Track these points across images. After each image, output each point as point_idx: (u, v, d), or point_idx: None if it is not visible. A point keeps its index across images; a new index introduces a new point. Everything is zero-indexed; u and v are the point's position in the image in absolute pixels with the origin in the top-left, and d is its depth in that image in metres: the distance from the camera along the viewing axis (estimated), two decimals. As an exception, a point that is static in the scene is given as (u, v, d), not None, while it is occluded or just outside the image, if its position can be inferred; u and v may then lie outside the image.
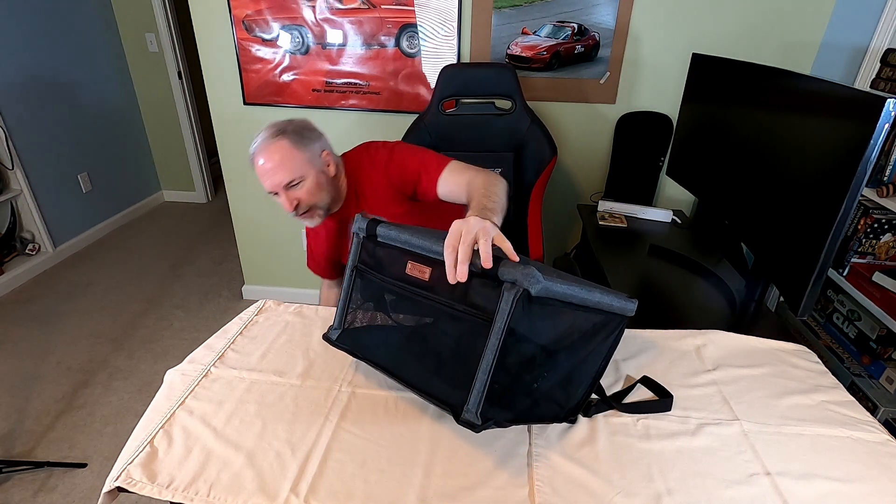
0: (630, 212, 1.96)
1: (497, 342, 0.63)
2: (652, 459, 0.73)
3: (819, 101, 1.10)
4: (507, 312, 0.63)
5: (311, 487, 0.67)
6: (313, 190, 1.12)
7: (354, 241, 0.84)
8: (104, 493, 0.69)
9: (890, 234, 1.62)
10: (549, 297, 0.66)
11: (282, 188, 1.09)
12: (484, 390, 0.63)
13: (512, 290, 0.63)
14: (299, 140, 1.10)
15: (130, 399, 1.89)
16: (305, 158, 1.10)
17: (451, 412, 0.66)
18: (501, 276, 0.64)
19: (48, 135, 2.79)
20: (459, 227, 0.70)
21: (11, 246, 2.70)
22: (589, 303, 0.72)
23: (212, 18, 1.97)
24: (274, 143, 1.08)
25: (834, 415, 0.82)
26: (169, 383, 0.87)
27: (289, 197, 1.10)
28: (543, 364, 0.72)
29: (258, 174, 1.10)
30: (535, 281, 0.63)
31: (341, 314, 0.85)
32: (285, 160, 1.08)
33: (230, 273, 2.79)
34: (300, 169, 1.09)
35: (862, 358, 1.71)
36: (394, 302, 0.82)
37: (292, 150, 1.09)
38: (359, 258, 0.83)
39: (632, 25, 1.87)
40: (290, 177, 1.08)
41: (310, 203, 1.12)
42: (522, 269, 0.63)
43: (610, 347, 0.80)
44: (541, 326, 0.69)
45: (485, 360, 0.63)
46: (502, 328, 0.63)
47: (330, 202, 1.18)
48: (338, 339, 0.85)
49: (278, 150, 1.08)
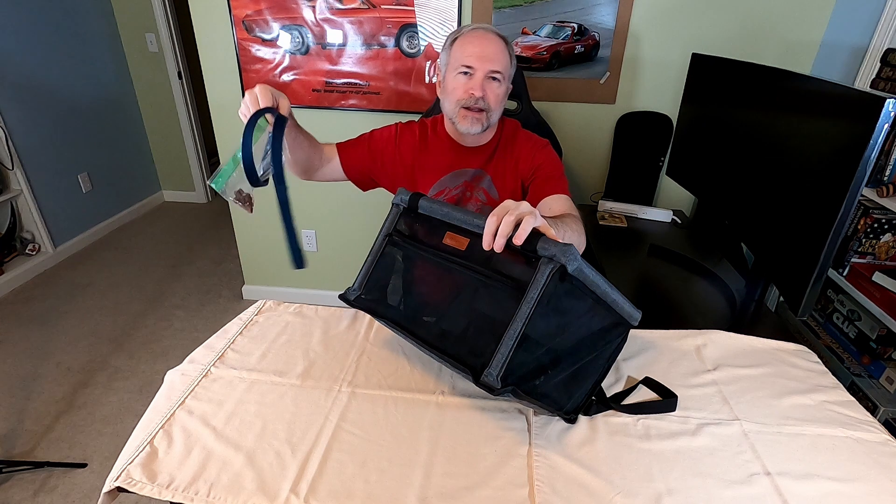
0: (630, 212, 1.96)
1: (528, 311, 0.64)
2: (652, 459, 0.73)
3: (819, 101, 1.10)
4: (542, 284, 0.64)
5: (311, 487, 0.67)
6: (501, 96, 1.10)
7: (393, 211, 0.88)
8: (104, 493, 0.69)
9: (890, 234, 1.62)
10: (580, 279, 0.68)
11: (485, 72, 1.06)
12: (508, 355, 0.64)
13: (549, 265, 0.65)
14: (512, 52, 1.11)
15: (130, 399, 1.89)
16: (511, 69, 1.11)
17: (471, 374, 0.66)
18: (541, 251, 0.66)
19: (48, 135, 2.79)
20: (510, 203, 0.71)
21: (11, 246, 2.70)
22: (607, 298, 0.75)
23: (212, 18, 1.97)
24: (496, 37, 1.07)
25: (834, 415, 0.82)
26: (169, 383, 0.87)
27: (483, 84, 1.06)
28: (558, 348, 0.73)
29: (468, 49, 1.06)
30: (573, 258, 0.65)
31: (364, 277, 0.87)
32: (504, 55, 1.08)
33: (230, 273, 2.79)
34: (507, 70, 1.09)
35: (862, 358, 1.71)
36: (424, 269, 0.84)
37: (507, 54, 1.09)
38: (394, 227, 0.86)
39: (632, 25, 1.87)
40: (501, 67, 1.07)
41: (492, 104, 1.08)
42: (562, 247, 0.65)
43: (613, 352, 0.83)
44: (567, 306, 0.71)
45: (513, 326, 0.64)
46: (535, 298, 0.64)
47: (494, 123, 1.14)
48: (355, 299, 0.86)
49: (500, 44, 1.07)
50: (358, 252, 1.15)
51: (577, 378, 0.78)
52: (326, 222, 2.32)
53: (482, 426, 0.79)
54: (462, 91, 1.07)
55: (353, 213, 2.29)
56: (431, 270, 0.83)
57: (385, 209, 0.89)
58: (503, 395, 0.65)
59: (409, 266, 0.85)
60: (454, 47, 1.08)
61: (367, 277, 0.87)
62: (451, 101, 1.10)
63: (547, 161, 1.15)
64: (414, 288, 0.85)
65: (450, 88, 1.10)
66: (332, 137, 1.21)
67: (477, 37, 1.06)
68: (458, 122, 1.10)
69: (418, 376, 0.89)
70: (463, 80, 1.07)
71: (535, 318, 0.65)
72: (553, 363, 0.73)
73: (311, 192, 2.21)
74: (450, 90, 1.10)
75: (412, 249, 0.84)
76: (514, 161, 1.16)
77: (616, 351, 0.84)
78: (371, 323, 1.04)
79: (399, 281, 0.86)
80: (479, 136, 1.14)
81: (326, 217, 2.30)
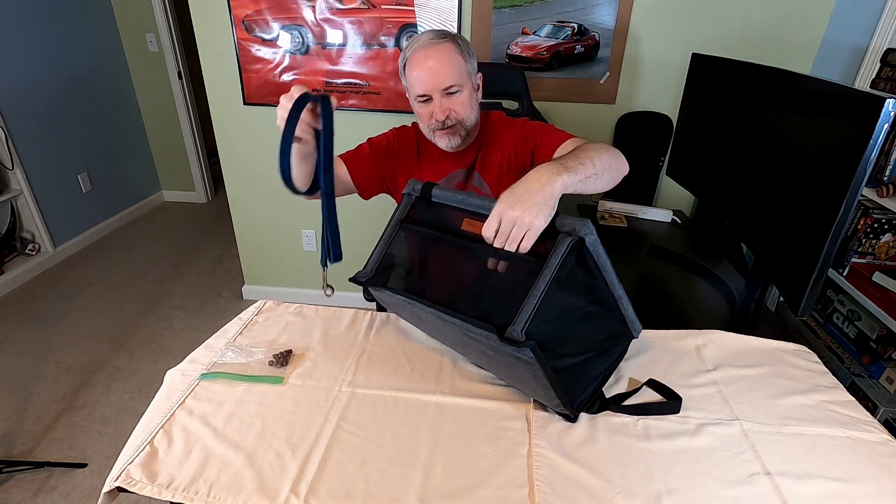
0: (630, 212, 1.96)
1: (550, 275, 0.67)
2: (652, 459, 0.73)
3: (819, 102, 1.10)
4: (561, 253, 0.67)
5: (311, 487, 0.68)
6: (467, 103, 1.06)
7: (405, 200, 0.89)
8: (104, 493, 0.69)
9: (890, 234, 1.62)
10: (594, 257, 0.71)
11: (439, 92, 1.02)
12: (532, 312, 0.65)
13: (568, 238, 0.68)
14: (465, 48, 1.05)
15: (130, 399, 1.89)
16: (467, 69, 1.05)
17: (496, 331, 0.66)
18: (559, 226, 0.70)
19: (48, 135, 2.79)
20: (500, 214, 0.72)
21: (11, 246, 2.70)
22: (615, 290, 0.77)
23: (212, 18, 1.97)
24: (441, 45, 1.02)
25: (834, 415, 0.82)
26: (169, 383, 0.87)
27: (443, 105, 1.03)
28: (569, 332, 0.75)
29: (415, 75, 1.03)
30: (589, 231, 0.69)
31: (376, 260, 0.88)
32: (453, 63, 1.02)
33: (230, 273, 2.79)
34: (462, 77, 1.04)
35: (862, 358, 1.71)
36: (441, 252, 0.86)
37: (458, 56, 1.03)
38: (406, 214, 0.88)
39: (632, 25, 1.87)
40: (453, 81, 1.02)
41: (460, 117, 1.05)
42: (580, 221, 0.69)
43: (615, 360, 0.86)
44: (581, 284, 0.73)
45: (537, 287, 0.66)
46: (556, 264, 0.67)
47: (472, 127, 1.11)
48: (367, 280, 0.87)
49: (445, 53, 1.01)
50: (358, 252, 1.14)
51: (583, 373, 0.79)
52: (326, 222, 2.31)
53: (482, 426, 0.79)
54: (427, 117, 1.07)
55: (354, 213, 2.29)
56: (449, 253, 0.85)
57: (385, 210, 0.90)
58: (523, 352, 0.65)
59: (425, 250, 0.88)
60: (406, 73, 1.07)
61: (380, 260, 0.88)
62: (423, 126, 1.11)
63: (533, 133, 1.13)
64: (430, 269, 0.87)
65: (417, 114, 1.10)
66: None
67: (419, 58, 1.02)
68: (438, 142, 1.10)
69: (418, 376, 0.89)
70: (425, 107, 1.06)
71: (553, 287, 0.66)
72: (565, 344, 0.74)
73: (311, 192, 2.21)
74: (418, 115, 1.10)
75: (427, 234, 0.86)
76: (500, 154, 1.15)
77: (617, 360, 0.87)
78: (371, 323, 1.04)
79: (414, 265, 0.88)
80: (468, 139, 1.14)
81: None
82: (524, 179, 0.75)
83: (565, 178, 0.75)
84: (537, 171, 0.76)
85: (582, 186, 0.80)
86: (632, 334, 0.85)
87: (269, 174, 2.22)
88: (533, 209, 0.70)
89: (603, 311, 0.79)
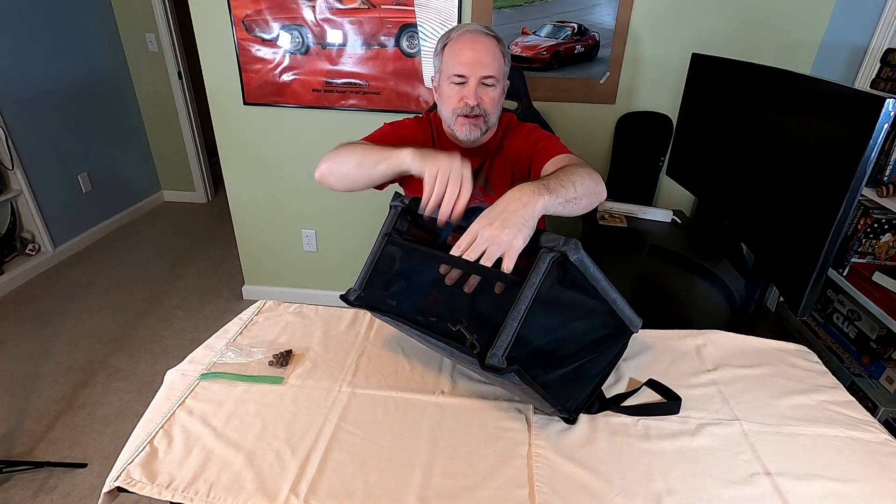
0: (630, 212, 1.96)
1: (531, 293, 0.65)
2: (652, 459, 0.73)
3: (819, 101, 1.10)
4: (543, 270, 0.65)
5: (311, 487, 0.68)
6: (497, 100, 1.08)
7: (391, 212, 0.88)
8: (104, 493, 0.69)
9: (890, 234, 1.62)
10: (581, 271, 0.70)
11: (477, 78, 1.04)
12: (512, 336, 0.64)
13: (550, 253, 0.66)
14: (506, 52, 1.09)
15: (130, 399, 1.89)
16: (504, 70, 1.09)
17: (478, 360, 0.66)
18: (543, 242, 0.68)
19: (48, 135, 2.79)
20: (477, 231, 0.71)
21: (11, 246, 2.70)
22: (608, 296, 0.75)
23: (212, 18, 1.97)
24: (489, 38, 1.05)
25: (834, 415, 0.82)
26: (169, 383, 0.87)
27: (477, 91, 1.05)
28: (559, 344, 0.74)
29: (460, 54, 1.04)
30: (574, 249, 0.67)
31: (364, 277, 0.87)
32: (496, 58, 1.05)
33: (230, 273, 2.78)
34: (500, 73, 1.07)
35: (862, 358, 1.71)
36: (426, 267, 0.83)
37: (500, 54, 1.06)
38: (393, 227, 0.87)
39: (632, 25, 1.87)
40: (493, 72, 1.04)
41: (487, 110, 1.07)
42: (565, 238, 0.67)
43: (614, 358, 0.84)
44: (568, 299, 0.72)
45: (516, 308, 0.65)
46: (537, 282, 0.65)
47: (492, 125, 1.13)
48: (356, 298, 0.86)
49: (492, 46, 1.05)
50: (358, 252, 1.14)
51: (578, 378, 0.78)
52: (326, 222, 2.32)
53: (482, 426, 0.79)
54: (456, 100, 1.06)
55: (353, 213, 2.29)
56: (433, 268, 0.82)
57: (385, 209, 0.89)
58: (507, 377, 0.64)
59: (410, 265, 0.85)
60: (445, 53, 1.07)
61: (367, 277, 0.87)
62: (447, 109, 1.09)
63: (537, 140, 1.14)
64: (415, 285, 0.85)
65: (445, 96, 1.09)
66: (333, 138, 1.21)
67: (467, 41, 1.04)
68: (457, 130, 1.09)
69: (418, 376, 0.89)
70: (456, 89, 1.06)
71: (537, 306, 0.65)
72: (555, 357, 0.73)
73: (312, 193, 2.21)
74: (445, 98, 1.09)
75: (412, 249, 0.84)
76: (511, 159, 1.16)
77: (616, 357, 0.85)
78: (371, 323, 1.04)
79: (400, 279, 0.86)
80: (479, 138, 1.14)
81: (326, 217, 2.30)
82: (504, 197, 0.74)
83: (547, 199, 0.75)
84: (519, 189, 0.75)
85: (561, 209, 0.80)
86: (631, 329, 0.84)
87: (270, 174, 2.22)
88: (512, 229, 0.69)
89: (596, 316, 0.78)
